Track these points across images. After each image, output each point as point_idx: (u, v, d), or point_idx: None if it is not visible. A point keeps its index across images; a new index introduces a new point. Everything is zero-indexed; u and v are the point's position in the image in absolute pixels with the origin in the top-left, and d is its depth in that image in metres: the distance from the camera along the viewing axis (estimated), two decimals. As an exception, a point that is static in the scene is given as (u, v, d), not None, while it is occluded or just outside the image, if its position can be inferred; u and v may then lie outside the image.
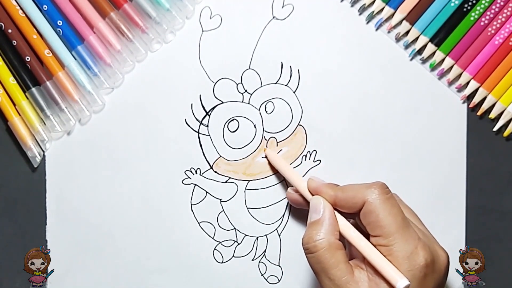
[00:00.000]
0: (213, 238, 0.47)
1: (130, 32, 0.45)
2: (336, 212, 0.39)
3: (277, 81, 0.46)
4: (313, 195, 0.41)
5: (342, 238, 0.39)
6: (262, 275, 0.47)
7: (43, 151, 0.46)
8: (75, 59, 0.45)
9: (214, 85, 0.46)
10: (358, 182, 0.46)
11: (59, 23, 0.45)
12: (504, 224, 0.47)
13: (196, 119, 0.46)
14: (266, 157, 0.46)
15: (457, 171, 0.47)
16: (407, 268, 0.36)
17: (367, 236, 0.38)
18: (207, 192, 0.46)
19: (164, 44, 0.46)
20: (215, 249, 0.47)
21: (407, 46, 0.47)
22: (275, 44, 0.46)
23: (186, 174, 0.46)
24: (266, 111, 0.46)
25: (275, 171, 0.46)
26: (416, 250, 0.36)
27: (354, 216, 0.39)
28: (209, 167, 0.46)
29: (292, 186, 0.44)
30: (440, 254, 0.38)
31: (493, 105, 0.47)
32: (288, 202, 0.47)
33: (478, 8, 0.46)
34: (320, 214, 0.39)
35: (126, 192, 0.46)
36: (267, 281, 0.47)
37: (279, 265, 0.47)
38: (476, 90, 0.47)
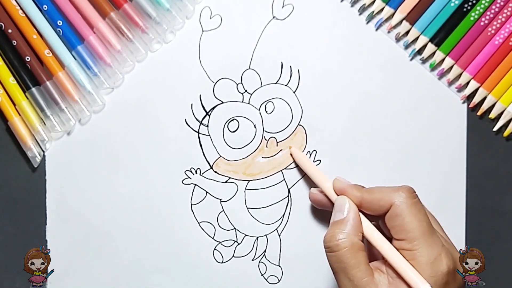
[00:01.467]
0: (213, 238, 0.47)
1: (130, 32, 0.45)
2: (361, 214, 0.39)
3: (277, 81, 0.46)
4: (338, 195, 0.41)
5: (364, 240, 0.39)
6: (262, 275, 0.47)
7: (43, 151, 0.46)
8: (75, 59, 0.45)
9: (214, 85, 0.46)
10: (358, 182, 0.47)
11: (59, 23, 0.45)
12: (504, 224, 0.47)
13: (196, 119, 0.46)
14: (291, 154, 0.46)
15: (457, 171, 0.47)
16: (429, 274, 0.36)
17: (389, 240, 0.38)
18: (207, 192, 0.46)
19: (164, 44, 0.46)
20: (215, 249, 0.47)
21: (407, 46, 0.47)
22: (275, 44, 0.46)
23: (186, 174, 0.46)
24: (266, 111, 0.46)
25: (276, 171, 0.46)
26: (439, 256, 0.36)
27: (378, 219, 0.39)
28: (209, 167, 0.46)
29: (316, 187, 0.44)
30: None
31: (493, 105, 0.47)
32: (288, 202, 0.47)
33: (478, 8, 0.46)
34: (344, 214, 0.39)
35: (126, 192, 0.46)
36: (267, 281, 0.47)
37: (279, 265, 0.47)
38: (476, 90, 0.47)
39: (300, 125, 0.47)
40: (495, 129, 0.47)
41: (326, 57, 0.46)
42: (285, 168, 0.47)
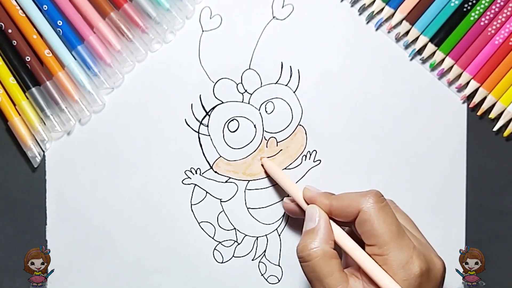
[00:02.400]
0: (213, 238, 0.47)
1: (130, 32, 0.45)
2: (331, 221, 0.39)
3: (277, 81, 0.46)
4: (308, 204, 0.41)
5: (337, 247, 0.39)
6: (262, 275, 0.47)
7: (43, 151, 0.46)
8: (75, 59, 0.45)
9: (214, 85, 0.46)
10: (358, 182, 0.47)
11: (59, 23, 0.45)
12: (504, 224, 0.47)
13: (196, 119, 0.46)
14: (262, 165, 0.46)
15: (457, 171, 0.47)
16: (402, 277, 0.36)
17: (362, 245, 0.38)
18: (207, 192, 0.46)
19: (164, 44, 0.46)
20: (215, 249, 0.47)
21: (407, 46, 0.47)
22: (275, 44, 0.46)
23: (186, 174, 0.46)
24: (266, 111, 0.46)
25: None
26: (411, 259, 0.36)
27: (350, 224, 0.39)
28: (209, 167, 0.46)
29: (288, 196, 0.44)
30: (436, 262, 0.38)
31: (493, 105, 0.47)
32: (288, 202, 0.47)
33: (478, 8, 0.46)
34: (315, 222, 0.39)
35: (126, 192, 0.46)
36: (267, 281, 0.47)
37: (279, 265, 0.47)
38: (476, 90, 0.47)
39: (300, 125, 0.47)
40: (495, 129, 0.47)
41: (326, 57, 0.47)
42: (285, 168, 0.47)
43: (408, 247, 0.37)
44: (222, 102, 0.46)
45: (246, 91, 0.46)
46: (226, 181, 0.47)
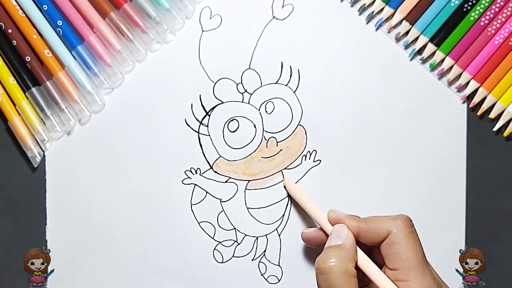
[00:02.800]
0: (213, 238, 0.47)
1: (130, 32, 0.45)
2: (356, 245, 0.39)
3: (277, 81, 0.46)
4: (333, 225, 0.41)
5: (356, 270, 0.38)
6: (262, 275, 0.47)
7: (43, 151, 0.46)
8: (75, 59, 0.45)
9: (214, 85, 0.46)
10: (358, 182, 0.47)
11: (59, 23, 0.45)
12: (504, 224, 0.47)
13: (196, 119, 0.46)
14: (284, 187, 0.46)
15: (457, 171, 0.47)
16: None
17: (381, 269, 0.38)
18: (207, 192, 0.46)
19: (164, 44, 0.46)
20: (215, 249, 0.47)
21: (407, 46, 0.47)
22: (275, 44, 0.46)
23: (186, 174, 0.46)
24: (266, 111, 0.46)
25: (276, 171, 0.46)
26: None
27: (371, 250, 0.40)
28: (209, 167, 0.46)
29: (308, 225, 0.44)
30: None
31: (493, 105, 0.47)
32: (288, 202, 0.47)
33: (478, 8, 0.46)
34: (341, 240, 0.39)
35: (126, 192, 0.46)
36: (267, 281, 0.47)
37: (279, 265, 0.47)
38: (476, 90, 0.47)
39: (300, 125, 0.47)
40: (495, 129, 0.47)
41: (326, 57, 0.46)
42: (285, 168, 0.47)
43: (431, 276, 0.37)
44: (222, 102, 0.46)
45: (246, 91, 0.46)
46: (226, 181, 0.47)
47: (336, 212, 0.41)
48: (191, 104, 0.46)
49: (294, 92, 0.46)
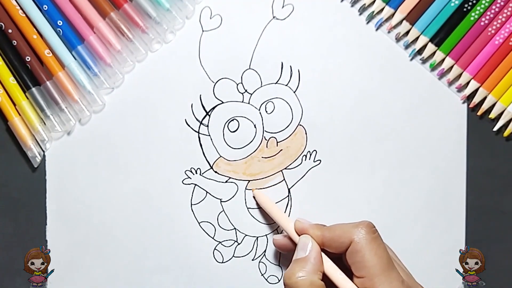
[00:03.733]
0: (213, 238, 0.47)
1: (130, 32, 0.45)
2: (323, 253, 0.39)
3: (277, 81, 0.46)
4: (299, 236, 0.41)
5: (325, 279, 0.38)
6: (262, 275, 0.47)
7: (43, 151, 0.46)
8: (75, 59, 0.45)
9: (214, 85, 0.46)
10: (358, 182, 0.47)
11: (59, 23, 0.45)
12: (504, 224, 0.47)
13: (196, 119, 0.46)
14: (254, 197, 0.46)
15: (457, 171, 0.47)
16: None
17: (350, 277, 0.38)
18: (207, 192, 0.46)
19: (164, 44, 0.46)
20: (215, 249, 0.47)
21: (407, 46, 0.47)
22: (275, 44, 0.46)
23: (186, 174, 0.46)
24: (266, 111, 0.46)
25: (276, 171, 0.46)
26: None
27: (340, 256, 0.39)
28: (209, 167, 0.46)
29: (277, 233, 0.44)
30: None
31: (493, 105, 0.47)
32: (288, 202, 0.47)
33: (478, 8, 0.46)
34: (306, 252, 0.39)
35: (126, 192, 0.46)
36: (267, 281, 0.47)
37: (279, 265, 0.47)
38: (476, 90, 0.47)
39: (300, 125, 0.47)
40: (495, 129, 0.47)
41: (326, 57, 0.47)
42: (285, 168, 0.47)
43: (397, 280, 0.37)
44: (222, 102, 0.46)
45: (246, 91, 0.46)
46: (226, 181, 0.47)
47: (302, 222, 0.41)
48: (191, 104, 0.46)
49: (294, 92, 0.46)
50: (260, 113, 0.46)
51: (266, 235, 0.47)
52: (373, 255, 0.37)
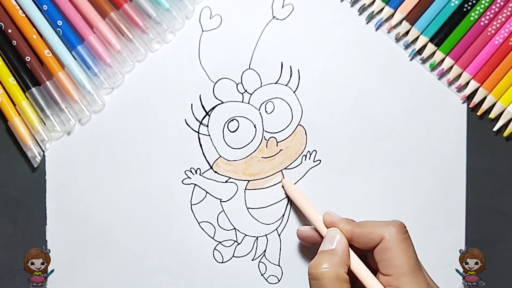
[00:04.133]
0: (213, 238, 0.47)
1: (130, 32, 0.45)
2: (350, 248, 0.39)
3: (277, 81, 0.46)
4: (328, 228, 0.41)
5: (349, 274, 0.38)
6: (262, 275, 0.47)
7: (43, 151, 0.46)
8: (75, 59, 0.45)
9: (214, 85, 0.46)
10: (358, 182, 0.47)
11: (59, 23, 0.45)
12: (504, 224, 0.47)
13: (196, 119, 0.46)
14: (283, 187, 0.46)
15: (457, 171, 0.47)
16: None
17: (374, 274, 0.38)
18: (207, 192, 0.46)
19: (164, 44, 0.46)
20: (215, 249, 0.47)
21: (407, 46, 0.47)
22: (275, 44, 0.46)
23: (186, 174, 0.46)
24: (266, 111, 0.46)
25: (276, 171, 0.46)
26: None
27: (365, 253, 0.40)
28: (209, 167, 0.46)
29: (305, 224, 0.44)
30: None
31: (493, 105, 0.47)
32: (288, 202, 0.47)
33: (478, 8, 0.46)
34: (334, 245, 0.39)
35: (126, 192, 0.46)
36: (267, 281, 0.47)
37: (279, 265, 0.47)
38: (476, 90, 0.47)
39: (300, 125, 0.47)
40: (495, 129, 0.47)
41: (326, 57, 0.46)
42: (285, 168, 0.47)
43: (424, 282, 0.37)
44: (222, 102, 0.46)
45: (246, 91, 0.46)
46: (226, 181, 0.47)
47: (331, 214, 0.41)
48: (191, 104, 0.46)
49: (294, 92, 0.46)
50: (260, 113, 0.46)
51: (266, 235, 0.47)
52: (402, 254, 0.37)
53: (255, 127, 0.46)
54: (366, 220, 0.40)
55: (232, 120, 0.46)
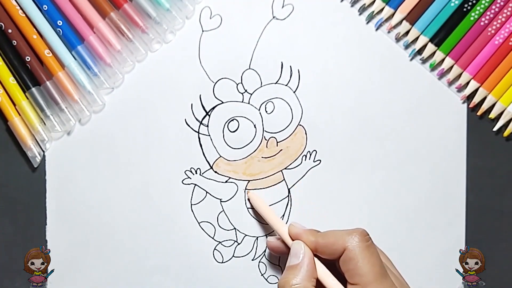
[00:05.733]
0: (213, 238, 0.47)
1: (130, 32, 0.45)
2: (316, 258, 0.39)
3: (277, 81, 0.46)
4: (293, 240, 0.41)
5: (319, 285, 0.38)
6: (262, 275, 0.47)
7: (43, 151, 0.46)
8: (75, 59, 0.45)
9: (214, 85, 0.46)
10: (358, 182, 0.47)
11: (59, 23, 0.45)
12: (504, 224, 0.47)
13: (196, 119, 0.46)
14: (248, 199, 0.46)
15: (457, 171, 0.47)
16: None
17: (344, 283, 0.38)
18: (207, 192, 0.46)
19: (164, 44, 0.46)
20: (215, 249, 0.47)
21: (407, 46, 0.47)
22: (275, 44, 0.46)
23: (186, 174, 0.46)
24: (266, 111, 0.46)
25: (276, 171, 0.46)
26: None
27: (334, 262, 0.39)
28: (209, 167, 0.46)
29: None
30: None
31: (493, 105, 0.47)
32: (288, 202, 0.47)
33: (478, 8, 0.46)
34: (299, 259, 0.39)
35: (126, 192, 0.46)
36: (267, 281, 0.47)
37: (279, 265, 0.47)
38: (476, 90, 0.47)
39: (300, 125, 0.47)
40: (495, 129, 0.47)
41: (326, 57, 0.47)
42: (285, 168, 0.47)
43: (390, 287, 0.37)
44: (222, 102, 0.46)
45: (246, 91, 0.46)
46: (226, 181, 0.47)
47: (295, 226, 0.41)
48: (191, 104, 0.46)
49: (294, 92, 0.46)
50: (260, 113, 0.46)
51: (266, 235, 0.47)
52: (366, 263, 0.37)
53: (255, 127, 0.46)
54: (330, 230, 0.40)
55: (232, 120, 0.46)
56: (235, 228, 0.47)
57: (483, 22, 0.46)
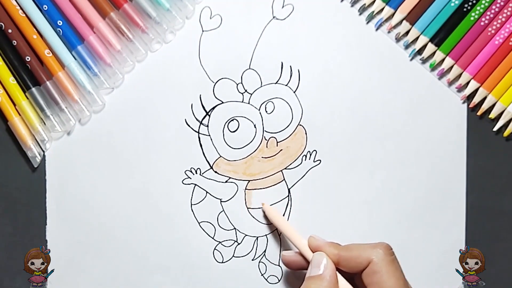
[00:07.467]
0: (213, 238, 0.47)
1: (130, 32, 0.45)
2: (337, 272, 0.39)
3: (277, 81, 0.46)
4: (313, 252, 0.40)
5: None
6: (262, 275, 0.47)
7: (43, 151, 0.46)
8: (75, 59, 0.45)
9: (214, 85, 0.46)
10: (358, 182, 0.47)
11: (59, 23, 0.45)
12: (504, 224, 0.47)
13: (196, 119, 0.46)
14: (263, 212, 0.46)
15: (457, 171, 0.47)
16: None
17: None
18: (207, 192, 0.46)
19: (164, 44, 0.46)
20: (215, 249, 0.47)
21: (407, 46, 0.47)
22: (275, 44, 0.46)
23: (186, 174, 0.46)
24: (266, 111, 0.46)
25: (276, 171, 0.46)
26: None
27: (353, 276, 0.39)
28: (209, 167, 0.46)
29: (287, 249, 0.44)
30: None
31: (493, 105, 0.47)
32: (288, 202, 0.47)
33: (478, 8, 0.46)
34: (321, 270, 0.38)
35: (126, 192, 0.46)
36: (267, 281, 0.47)
37: (279, 265, 0.47)
38: (476, 90, 0.47)
39: (300, 125, 0.47)
40: (495, 129, 0.47)
41: (326, 57, 0.47)
42: (285, 168, 0.47)
43: None
44: (222, 102, 0.46)
45: (246, 91, 0.46)
46: (226, 181, 0.47)
47: (316, 239, 0.41)
48: (191, 104, 0.46)
49: (294, 92, 0.46)
50: (260, 113, 0.46)
51: (266, 235, 0.47)
52: (391, 276, 0.37)
53: (255, 127, 0.46)
54: (352, 243, 0.40)
55: (232, 120, 0.46)
56: (235, 228, 0.47)
57: (483, 22, 0.46)
